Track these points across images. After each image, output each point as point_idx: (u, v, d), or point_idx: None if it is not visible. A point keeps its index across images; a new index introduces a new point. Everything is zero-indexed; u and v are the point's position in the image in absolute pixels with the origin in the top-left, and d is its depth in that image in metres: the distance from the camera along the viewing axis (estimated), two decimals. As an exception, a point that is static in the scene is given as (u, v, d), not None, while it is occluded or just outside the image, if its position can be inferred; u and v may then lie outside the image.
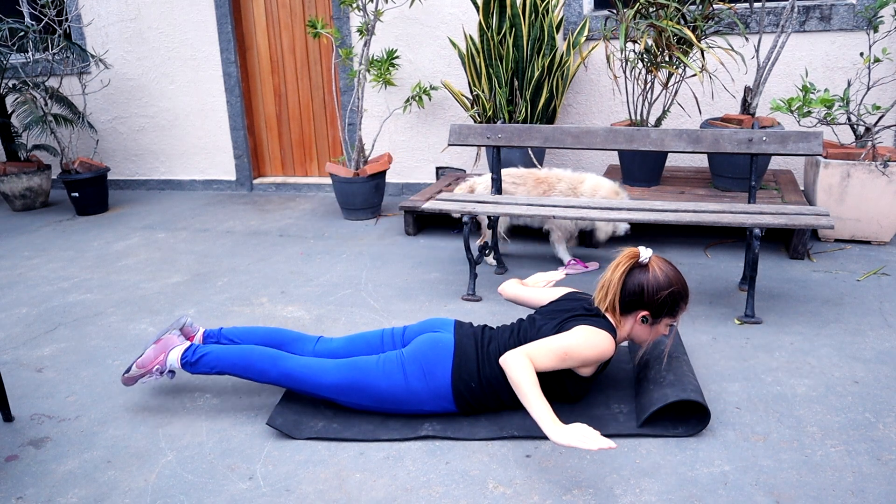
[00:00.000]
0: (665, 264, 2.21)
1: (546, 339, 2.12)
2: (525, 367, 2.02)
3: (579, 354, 2.09)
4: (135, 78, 5.92)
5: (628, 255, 2.21)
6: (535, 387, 1.99)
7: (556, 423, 1.89)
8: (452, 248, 4.10)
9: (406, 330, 2.42)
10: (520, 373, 2.01)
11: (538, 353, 2.08)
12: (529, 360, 2.05)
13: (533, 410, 1.95)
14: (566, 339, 2.10)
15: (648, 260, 2.20)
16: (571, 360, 2.10)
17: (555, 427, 1.88)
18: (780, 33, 3.87)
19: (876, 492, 1.85)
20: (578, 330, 2.13)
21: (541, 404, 1.95)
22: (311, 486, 1.99)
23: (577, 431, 1.85)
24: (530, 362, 2.05)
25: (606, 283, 2.23)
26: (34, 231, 4.99)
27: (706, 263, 3.65)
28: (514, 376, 2.02)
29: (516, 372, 2.02)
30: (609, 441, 1.80)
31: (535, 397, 1.96)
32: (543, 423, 1.90)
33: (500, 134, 3.47)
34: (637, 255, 2.20)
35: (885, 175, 3.64)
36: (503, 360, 2.08)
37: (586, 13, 4.73)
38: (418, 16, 5.05)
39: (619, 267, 2.21)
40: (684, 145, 3.19)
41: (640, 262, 2.20)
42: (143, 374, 2.39)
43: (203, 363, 2.34)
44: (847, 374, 2.46)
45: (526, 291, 2.56)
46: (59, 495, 2.00)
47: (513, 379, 2.03)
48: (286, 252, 4.17)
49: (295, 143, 5.80)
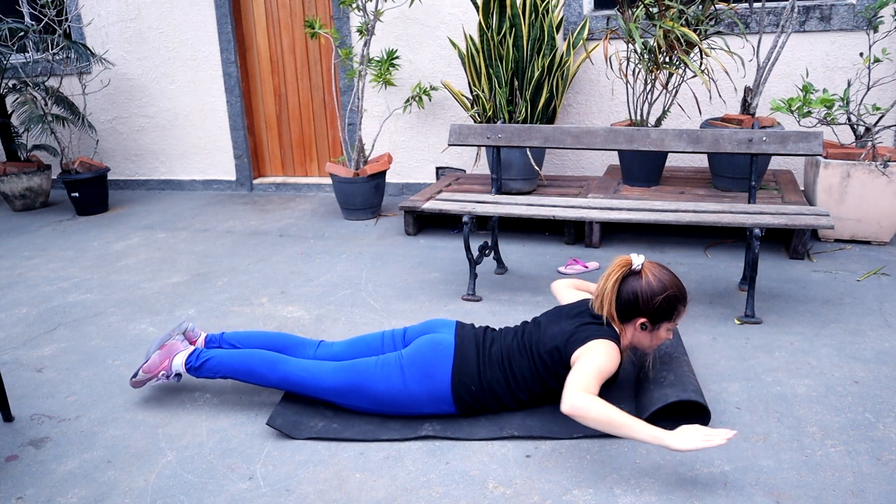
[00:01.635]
0: (658, 269, 2.19)
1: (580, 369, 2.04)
2: (595, 402, 1.92)
3: (608, 371, 2.07)
4: (135, 78, 5.92)
5: (620, 264, 2.19)
6: (623, 414, 1.90)
7: (674, 434, 1.84)
8: (452, 248, 4.10)
9: (407, 331, 2.42)
10: (597, 411, 1.90)
11: (588, 384, 1.99)
12: (590, 394, 1.96)
13: (642, 435, 1.86)
14: (596, 362, 2.05)
15: (641, 266, 2.19)
16: (604, 379, 2.06)
17: (676, 438, 1.83)
18: (780, 33, 3.87)
19: (876, 492, 1.85)
20: (598, 347, 2.09)
21: (643, 426, 1.87)
22: (311, 486, 1.99)
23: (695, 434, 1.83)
24: (591, 395, 1.96)
25: (601, 293, 2.20)
26: (34, 231, 4.99)
27: (706, 263, 3.65)
28: (596, 415, 1.90)
29: (593, 412, 1.90)
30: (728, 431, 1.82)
31: (634, 423, 1.87)
32: (663, 439, 1.84)
33: (500, 134, 3.47)
34: (629, 263, 2.18)
35: (885, 175, 3.64)
36: (571, 409, 1.93)
37: (586, 13, 4.73)
38: (418, 16, 5.05)
39: (611, 276, 2.18)
40: (684, 145, 3.19)
41: (633, 269, 2.18)
42: (149, 378, 2.42)
43: (206, 368, 2.36)
44: (847, 374, 2.46)
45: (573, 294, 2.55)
46: (59, 495, 2.00)
47: (595, 419, 1.90)
48: (286, 252, 4.17)
49: (295, 143, 5.80)
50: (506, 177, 4.42)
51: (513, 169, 4.40)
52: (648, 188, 4.19)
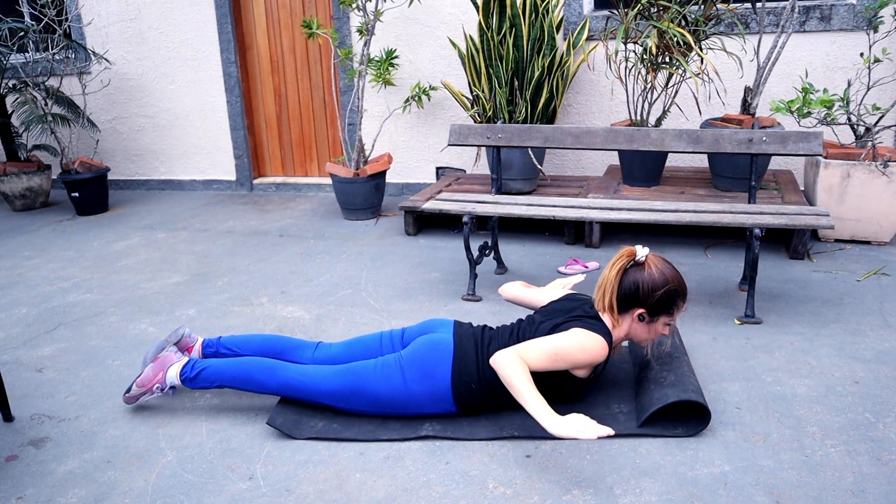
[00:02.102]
0: (662, 262, 2.21)
1: (538, 339, 2.13)
2: (516, 364, 2.03)
3: (570, 356, 2.10)
4: (135, 78, 5.92)
5: (625, 254, 2.22)
6: (529, 383, 2.00)
7: (553, 415, 1.91)
8: (452, 248, 4.10)
9: (405, 332, 2.42)
10: (511, 370, 2.02)
11: (529, 353, 2.09)
12: (520, 358, 2.06)
13: (528, 405, 1.96)
14: (557, 340, 2.11)
15: (645, 258, 2.21)
16: (562, 362, 2.10)
17: (552, 420, 1.90)
18: (781, 33, 3.87)
19: (876, 492, 1.85)
20: (572, 332, 2.13)
21: (535, 399, 1.96)
22: (311, 486, 1.99)
23: (575, 422, 1.88)
24: (521, 360, 2.06)
25: (604, 281, 2.24)
26: (34, 231, 4.99)
27: (706, 263, 3.65)
28: (506, 374, 2.03)
29: (507, 370, 2.03)
30: (607, 428, 1.85)
31: (529, 393, 1.98)
32: (540, 416, 1.92)
33: (500, 134, 3.47)
34: (633, 254, 2.21)
35: (885, 175, 3.64)
36: (493, 359, 2.08)
37: (586, 13, 4.73)
38: (418, 16, 5.05)
39: (615, 265, 2.22)
40: (684, 145, 3.19)
41: (637, 260, 2.21)
42: (143, 393, 2.39)
43: (202, 378, 2.34)
44: (847, 374, 2.46)
45: (527, 293, 2.57)
46: (59, 495, 2.00)
47: (505, 377, 2.04)
48: (286, 252, 4.17)
49: (295, 143, 5.80)
50: (506, 177, 4.43)
51: (513, 169, 4.40)
52: (648, 188, 4.19)
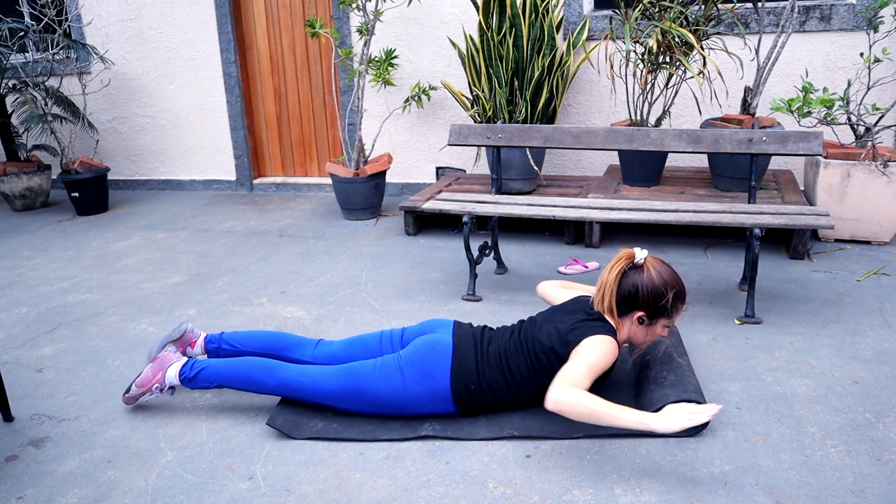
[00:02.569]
0: (660, 265, 2.21)
1: (572, 363, 2.05)
2: (578, 395, 1.93)
3: (600, 366, 2.07)
4: (135, 78, 5.92)
5: (623, 257, 2.21)
6: (606, 403, 1.91)
7: (657, 416, 1.87)
8: (452, 248, 4.10)
9: (405, 331, 2.42)
10: (580, 404, 1.90)
11: (576, 378, 1.99)
12: (575, 388, 1.96)
13: (628, 423, 1.88)
14: (589, 356, 2.06)
15: (644, 260, 2.20)
16: (597, 374, 2.07)
17: (660, 421, 1.86)
18: (781, 33, 3.87)
19: (876, 492, 1.85)
20: (593, 343, 2.09)
21: (628, 413, 1.89)
22: (311, 486, 1.99)
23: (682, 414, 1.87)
24: (577, 388, 1.96)
25: (603, 284, 2.23)
26: (34, 231, 4.99)
27: (706, 263, 3.65)
28: (579, 409, 1.90)
29: (576, 405, 1.90)
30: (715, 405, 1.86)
31: (616, 411, 1.89)
32: (648, 424, 1.86)
33: (500, 134, 3.47)
34: (632, 256, 2.21)
35: (885, 175, 3.64)
36: (555, 404, 1.93)
37: (586, 13, 4.73)
38: (418, 16, 5.05)
39: (614, 268, 2.21)
40: (684, 145, 3.19)
41: (636, 262, 2.20)
42: (143, 393, 2.39)
43: (201, 378, 2.33)
44: (847, 374, 2.46)
45: (561, 293, 2.55)
46: (59, 495, 2.00)
47: (578, 413, 1.90)
48: (286, 252, 4.17)
49: (295, 143, 5.80)
50: (506, 177, 4.42)
51: (513, 169, 4.40)
52: (648, 188, 4.19)
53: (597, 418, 1.90)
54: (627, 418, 1.88)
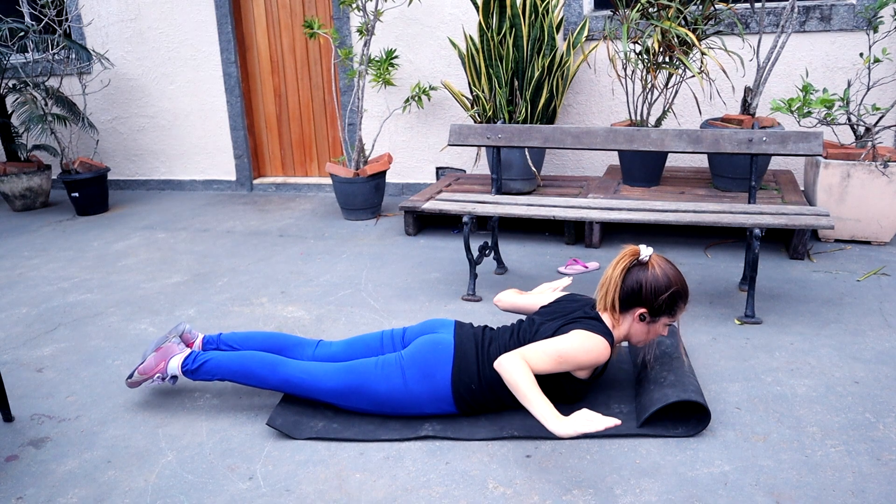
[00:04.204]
0: (665, 263, 2.21)
1: (542, 342, 2.12)
2: (520, 367, 2.03)
3: (574, 358, 2.09)
4: (135, 78, 5.92)
5: (629, 253, 2.22)
6: (534, 385, 1.99)
7: (559, 417, 1.91)
8: (452, 248, 4.10)
9: (406, 331, 2.42)
10: (516, 374, 2.02)
11: (533, 355, 2.08)
12: (525, 361, 2.05)
13: (534, 409, 1.95)
14: (561, 343, 2.10)
15: (649, 258, 2.21)
16: (566, 364, 2.10)
17: (557, 422, 1.89)
18: (780, 33, 3.87)
19: (876, 492, 1.85)
20: (574, 334, 2.13)
21: (541, 402, 1.95)
22: (311, 486, 1.99)
23: (580, 419, 1.87)
24: (526, 363, 2.05)
25: (607, 280, 2.23)
26: (34, 231, 4.99)
27: (706, 263, 3.65)
28: (511, 377, 2.02)
29: (512, 373, 2.02)
30: (613, 419, 1.85)
31: (535, 396, 1.97)
32: (546, 419, 1.91)
33: (500, 134, 3.47)
34: (637, 253, 2.21)
35: (885, 175, 3.64)
36: (498, 363, 2.08)
37: (586, 13, 4.73)
38: (418, 16, 5.05)
39: (619, 264, 2.21)
40: (684, 145, 3.19)
41: (641, 259, 2.21)
42: (145, 379, 2.41)
43: (203, 370, 2.34)
44: (847, 374, 2.46)
45: (522, 299, 2.57)
46: (59, 495, 2.00)
47: (509, 380, 2.03)
48: (286, 252, 4.17)
49: (295, 143, 5.80)
50: (506, 177, 4.42)
51: (513, 169, 4.40)
52: (648, 188, 4.19)
53: (517, 393, 2.01)
54: (536, 407, 1.95)
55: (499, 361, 2.07)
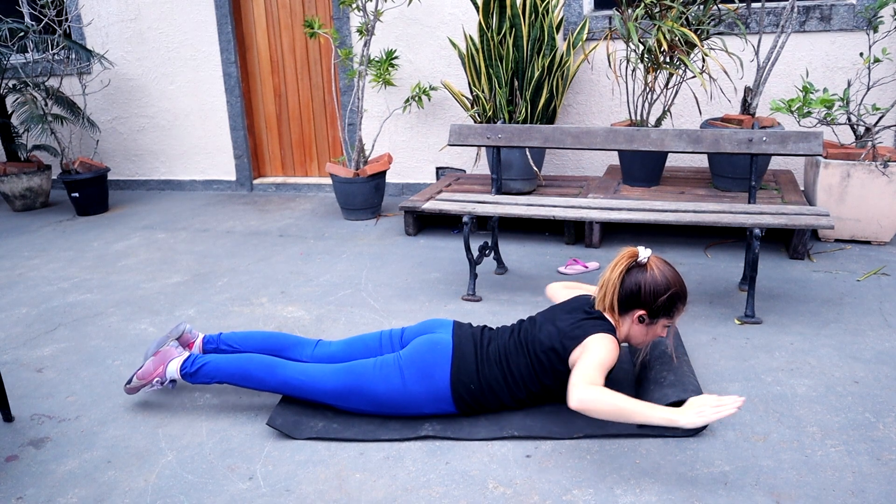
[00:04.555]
0: (664, 265, 2.21)
1: (584, 363, 2.04)
2: (599, 392, 1.91)
3: (608, 363, 2.06)
4: (135, 78, 5.92)
5: (627, 255, 2.21)
6: (626, 399, 1.89)
7: (681, 412, 1.86)
8: (452, 248, 4.10)
9: (405, 331, 2.42)
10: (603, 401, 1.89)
11: (592, 376, 1.98)
12: (594, 385, 1.95)
13: (653, 419, 1.86)
14: (598, 355, 2.05)
15: (647, 260, 2.20)
16: (607, 371, 2.05)
17: (685, 416, 1.84)
18: (780, 33, 3.87)
19: (876, 492, 1.85)
20: (598, 341, 2.09)
21: (653, 409, 1.87)
22: (311, 486, 1.99)
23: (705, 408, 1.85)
24: (595, 386, 1.95)
25: (605, 282, 2.22)
26: (34, 231, 4.99)
27: (706, 263, 3.65)
28: (602, 407, 1.88)
29: (599, 403, 1.89)
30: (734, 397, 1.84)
31: (643, 408, 1.88)
32: (673, 420, 1.85)
33: (500, 134, 3.47)
34: (636, 255, 2.21)
35: (885, 175, 3.64)
36: (578, 403, 1.90)
37: (586, 13, 4.73)
38: (418, 16, 5.05)
39: (617, 266, 2.20)
40: (684, 145, 3.19)
41: (639, 261, 2.20)
42: (143, 385, 2.40)
43: (202, 373, 2.34)
44: (847, 374, 2.46)
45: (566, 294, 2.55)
46: (59, 495, 2.00)
47: (602, 411, 1.89)
48: (286, 252, 4.17)
49: (295, 143, 5.80)
50: (506, 177, 4.43)
51: (513, 169, 4.40)
52: (648, 188, 4.19)
53: (623, 415, 1.88)
54: (653, 415, 1.86)
55: (581, 400, 1.90)
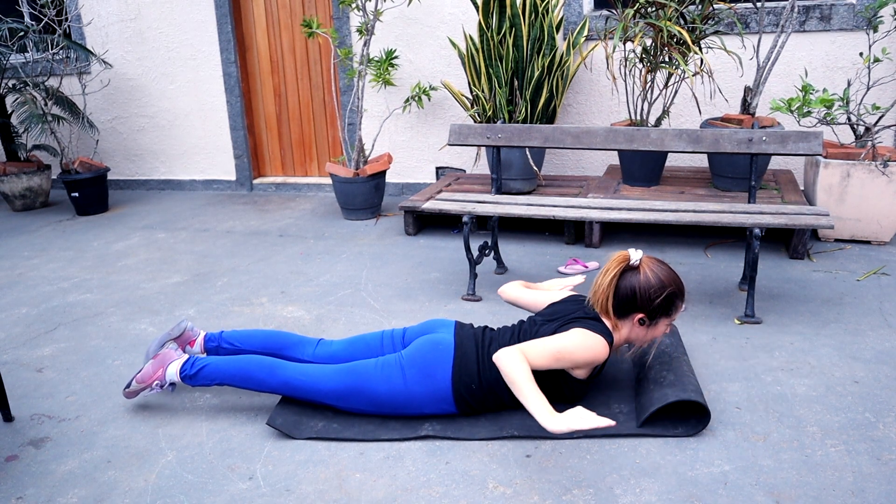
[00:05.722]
0: (657, 265, 2.19)
1: (541, 339, 2.12)
2: (518, 361, 2.02)
3: (571, 356, 2.09)
4: (135, 78, 5.92)
5: (618, 260, 2.18)
6: (530, 380, 1.98)
7: (552, 413, 1.90)
8: (452, 248, 4.10)
9: (406, 331, 2.42)
10: (514, 367, 2.01)
11: (532, 351, 2.07)
12: (523, 356, 2.05)
13: (528, 404, 1.94)
14: (560, 340, 2.10)
15: (639, 262, 2.18)
16: (564, 361, 2.09)
17: (550, 417, 1.88)
18: (780, 33, 3.87)
19: (876, 492, 1.85)
20: (574, 332, 2.12)
21: (536, 397, 1.94)
22: (311, 486, 1.99)
23: (572, 416, 1.86)
24: (524, 357, 2.04)
25: (598, 288, 2.20)
26: (34, 231, 4.99)
27: (706, 263, 3.65)
28: (508, 371, 2.01)
29: (510, 367, 2.01)
30: (606, 419, 1.83)
31: (531, 390, 1.96)
32: (539, 415, 1.90)
33: (500, 134, 3.47)
34: (627, 259, 2.18)
35: (885, 175, 3.64)
36: (497, 356, 2.07)
37: (586, 13, 4.73)
38: (418, 16, 5.05)
39: (609, 272, 2.17)
40: (684, 145, 3.19)
41: (631, 264, 2.18)
42: (142, 389, 2.40)
43: (202, 375, 2.34)
44: (847, 374, 2.46)
45: (527, 294, 2.54)
46: (59, 495, 2.00)
47: (507, 374, 2.02)
48: (286, 252, 4.17)
49: (295, 143, 5.80)
50: (506, 177, 4.43)
51: (513, 169, 4.40)
52: (648, 188, 4.19)
53: (516, 389, 1.99)
54: (531, 402, 1.94)
55: (497, 355, 2.07)
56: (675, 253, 3.82)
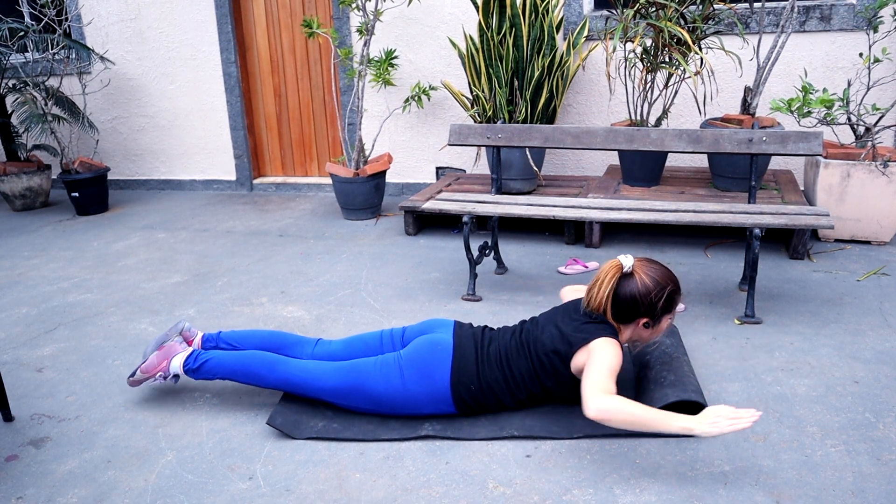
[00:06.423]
0: (649, 266, 2.18)
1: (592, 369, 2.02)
2: (621, 402, 1.90)
3: (616, 367, 2.05)
4: (135, 78, 5.92)
5: (611, 269, 2.16)
6: (647, 408, 1.89)
7: (696, 421, 1.84)
8: (452, 248, 4.10)
9: (406, 331, 2.42)
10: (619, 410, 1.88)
11: (606, 383, 1.97)
12: (609, 394, 1.94)
13: (670, 428, 1.86)
14: (607, 360, 2.04)
15: (632, 268, 2.17)
16: (615, 376, 2.04)
17: (701, 426, 1.83)
18: (780, 33, 3.87)
19: (876, 492, 1.85)
20: (604, 346, 2.08)
21: (670, 417, 1.86)
22: (311, 486, 1.99)
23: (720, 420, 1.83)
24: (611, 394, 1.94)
25: (596, 300, 2.17)
26: (34, 231, 4.99)
27: (706, 263, 3.65)
28: (619, 416, 1.88)
29: (616, 412, 1.88)
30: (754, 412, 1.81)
31: (660, 416, 1.87)
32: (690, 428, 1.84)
33: (500, 134, 3.47)
34: (620, 267, 2.16)
35: (885, 175, 3.64)
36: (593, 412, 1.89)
37: (586, 13, 4.73)
38: (418, 16, 5.05)
39: (604, 283, 2.15)
40: (684, 145, 3.19)
41: (625, 272, 2.16)
42: (146, 378, 2.42)
43: (205, 369, 2.35)
44: (847, 374, 2.46)
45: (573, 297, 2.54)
46: (59, 495, 2.00)
47: (619, 420, 1.88)
48: (286, 252, 4.17)
49: (295, 143, 5.80)
50: (506, 177, 4.43)
51: (513, 169, 4.40)
52: (648, 188, 4.19)
53: (640, 425, 1.87)
54: (670, 424, 1.85)
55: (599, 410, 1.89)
56: (675, 253, 3.82)
